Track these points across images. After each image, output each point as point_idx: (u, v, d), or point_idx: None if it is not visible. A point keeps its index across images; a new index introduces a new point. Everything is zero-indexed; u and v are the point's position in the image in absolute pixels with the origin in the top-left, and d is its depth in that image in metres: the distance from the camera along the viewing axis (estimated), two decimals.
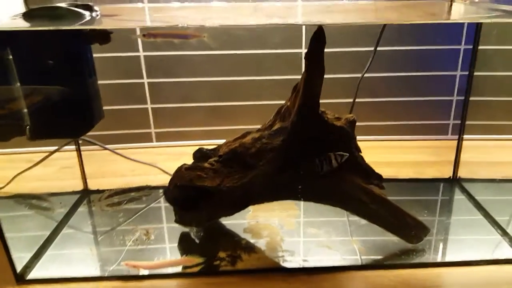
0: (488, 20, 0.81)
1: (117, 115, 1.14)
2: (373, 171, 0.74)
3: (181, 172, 0.71)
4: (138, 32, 0.73)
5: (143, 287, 0.65)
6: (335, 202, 0.71)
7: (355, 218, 0.75)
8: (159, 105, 1.15)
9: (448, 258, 0.69)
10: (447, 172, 0.93)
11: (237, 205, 0.70)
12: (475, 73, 0.84)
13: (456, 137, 1.05)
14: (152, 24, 0.80)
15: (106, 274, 0.67)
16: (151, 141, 1.18)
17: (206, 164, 0.71)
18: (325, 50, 0.63)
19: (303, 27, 1.04)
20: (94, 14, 0.71)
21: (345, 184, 0.70)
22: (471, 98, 0.86)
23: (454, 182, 0.91)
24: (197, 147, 0.77)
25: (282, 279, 0.66)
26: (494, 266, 0.67)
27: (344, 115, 0.74)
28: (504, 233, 0.74)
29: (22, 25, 0.66)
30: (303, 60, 1.12)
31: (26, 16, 0.68)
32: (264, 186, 0.68)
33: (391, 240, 0.73)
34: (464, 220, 0.80)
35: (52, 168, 1.03)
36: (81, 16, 0.70)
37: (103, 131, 1.14)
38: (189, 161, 0.74)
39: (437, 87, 1.12)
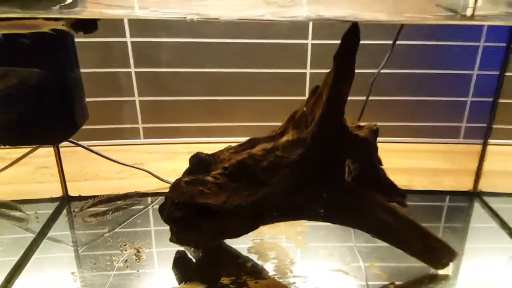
0: None
1: (100, 108, 1.02)
2: (395, 186, 0.65)
3: (179, 186, 0.61)
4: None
5: None
6: (357, 223, 0.63)
7: (370, 237, 0.67)
8: (148, 98, 1.03)
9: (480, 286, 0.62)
10: (465, 183, 0.86)
11: (245, 226, 0.61)
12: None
13: (469, 141, 0.98)
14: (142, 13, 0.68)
15: None
16: (139, 137, 1.06)
17: (208, 178, 0.61)
18: (329, 41, 0.54)
19: None
20: None
21: (367, 203, 0.62)
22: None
23: (475, 196, 0.84)
24: (189, 145, 0.67)
25: None
26: None
27: (366, 123, 0.66)
28: None
29: None
30: (309, 53, 1.03)
31: None
32: (278, 206, 0.59)
33: (413, 264, 0.66)
34: (493, 243, 0.73)
35: (26, 168, 0.91)
36: None
37: (84, 126, 1.02)
38: (183, 162, 0.64)
39: (449, 87, 1.04)
